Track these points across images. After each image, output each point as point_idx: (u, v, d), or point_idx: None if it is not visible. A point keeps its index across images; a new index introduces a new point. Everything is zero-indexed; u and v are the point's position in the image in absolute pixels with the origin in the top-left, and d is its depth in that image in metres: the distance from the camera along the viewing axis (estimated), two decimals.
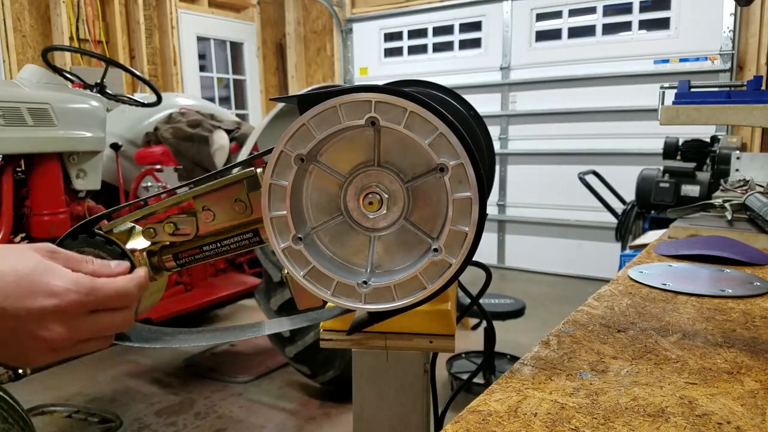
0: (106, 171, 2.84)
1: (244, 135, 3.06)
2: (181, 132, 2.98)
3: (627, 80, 4.65)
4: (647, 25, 4.60)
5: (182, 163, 2.99)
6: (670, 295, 0.87)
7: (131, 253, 0.61)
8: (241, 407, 2.59)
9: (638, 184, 3.32)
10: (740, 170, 1.95)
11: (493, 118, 5.24)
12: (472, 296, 0.80)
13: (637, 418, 0.50)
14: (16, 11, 4.48)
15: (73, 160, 2.51)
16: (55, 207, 2.44)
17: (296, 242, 0.55)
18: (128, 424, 2.42)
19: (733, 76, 4.22)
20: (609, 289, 0.90)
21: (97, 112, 2.57)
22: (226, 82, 6.28)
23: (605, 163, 4.68)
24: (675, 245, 1.16)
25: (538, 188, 5.18)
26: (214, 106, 3.80)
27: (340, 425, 2.43)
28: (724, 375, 0.58)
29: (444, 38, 5.58)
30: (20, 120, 2.24)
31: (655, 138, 4.22)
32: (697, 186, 3.14)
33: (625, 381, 0.57)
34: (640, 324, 0.74)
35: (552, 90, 5.03)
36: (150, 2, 5.39)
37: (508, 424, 0.49)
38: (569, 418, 0.50)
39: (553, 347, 0.66)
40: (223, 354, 3.26)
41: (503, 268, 5.38)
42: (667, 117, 0.96)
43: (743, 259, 1.06)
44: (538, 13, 5.06)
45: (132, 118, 3.25)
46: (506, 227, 5.40)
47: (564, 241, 5.10)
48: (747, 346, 0.66)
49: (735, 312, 0.79)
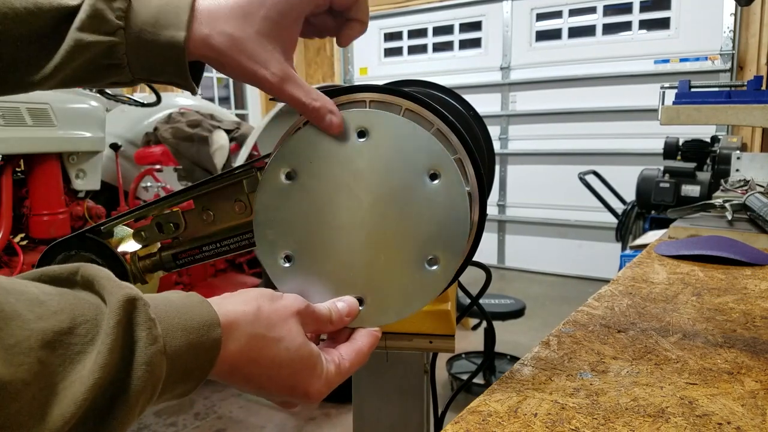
0: (105, 171, 2.84)
1: (244, 135, 3.06)
2: (180, 132, 2.98)
3: (627, 80, 4.65)
4: (647, 25, 4.60)
5: (182, 163, 2.99)
6: (671, 295, 0.87)
7: (122, 257, 0.61)
8: (241, 407, 2.59)
9: (638, 184, 3.32)
10: (740, 170, 1.95)
11: (493, 118, 5.24)
12: (472, 296, 0.79)
13: (638, 419, 0.50)
14: None
15: (73, 160, 2.52)
16: (55, 207, 2.44)
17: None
18: None
19: (734, 76, 4.22)
20: (609, 290, 0.90)
21: (96, 112, 2.57)
22: (226, 82, 6.28)
23: (605, 163, 4.68)
24: (675, 245, 1.16)
25: (538, 188, 5.18)
26: (213, 106, 3.80)
27: (340, 425, 2.43)
28: (724, 375, 0.58)
29: (444, 38, 5.58)
30: (20, 120, 2.24)
31: (656, 138, 4.22)
32: (698, 186, 3.14)
33: (625, 381, 0.57)
34: (641, 324, 0.74)
35: (552, 90, 5.02)
36: None
37: (508, 425, 0.49)
38: (569, 418, 0.50)
39: (554, 348, 0.66)
40: None
41: (503, 268, 5.38)
42: (667, 117, 0.96)
43: (743, 259, 1.06)
44: (538, 13, 5.06)
45: (131, 118, 3.25)
46: (506, 227, 5.40)
47: (564, 242, 5.10)
48: (747, 346, 0.66)
49: (735, 312, 0.79)
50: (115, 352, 0.32)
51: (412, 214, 0.50)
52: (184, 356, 0.37)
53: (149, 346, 0.34)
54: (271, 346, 0.44)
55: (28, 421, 0.28)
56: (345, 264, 0.51)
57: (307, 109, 0.49)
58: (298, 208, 0.52)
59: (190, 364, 0.38)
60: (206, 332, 0.38)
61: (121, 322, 0.33)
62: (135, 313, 0.34)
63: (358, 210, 0.50)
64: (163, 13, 0.46)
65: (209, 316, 0.39)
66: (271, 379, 0.44)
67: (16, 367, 0.28)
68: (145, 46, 0.46)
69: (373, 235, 0.50)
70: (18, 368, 0.28)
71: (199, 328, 0.38)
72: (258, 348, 0.43)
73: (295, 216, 0.52)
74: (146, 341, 0.34)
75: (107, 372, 0.31)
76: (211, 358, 0.39)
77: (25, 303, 0.30)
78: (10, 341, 0.28)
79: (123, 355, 0.33)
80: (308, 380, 0.46)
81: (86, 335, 0.32)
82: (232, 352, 0.41)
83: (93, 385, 0.31)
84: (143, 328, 0.34)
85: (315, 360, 0.46)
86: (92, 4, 0.44)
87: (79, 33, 0.44)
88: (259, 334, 0.43)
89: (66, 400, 0.30)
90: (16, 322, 0.29)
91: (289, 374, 0.44)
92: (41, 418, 0.29)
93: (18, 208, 2.40)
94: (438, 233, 0.49)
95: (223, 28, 0.47)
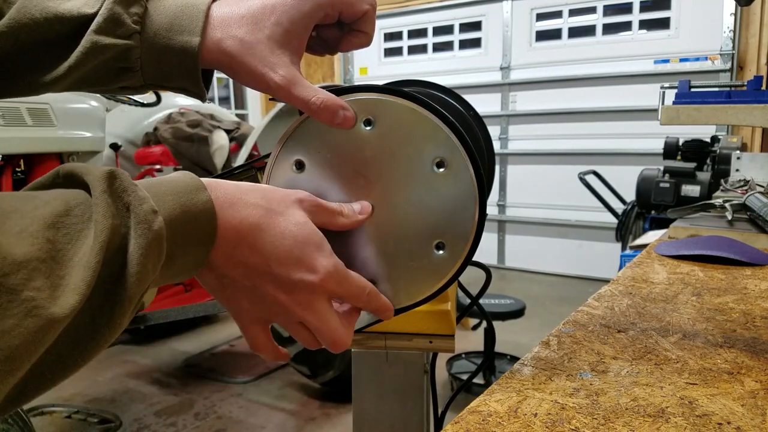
0: None
1: (244, 135, 3.07)
2: (180, 132, 2.98)
3: (627, 80, 4.65)
4: (647, 25, 4.61)
5: (182, 163, 2.99)
6: (671, 295, 0.87)
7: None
8: (241, 407, 2.59)
9: (638, 184, 3.32)
10: (740, 170, 1.95)
11: (493, 118, 5.24)
12: (472, 296, 0.79)
13: (638, 419, 0.50)
14: None
15: (73, 160, 2.52)
16: None
17: None
18: (128, 425, 2.42)
19: (734, 76, 4.22)
20: (609, 290, 0.90)
21: (96, 112, 2.57)
22: (226, 81, 6.29)
23: (605, 163, 4.68)
24: (675, 245, 1.16)
25: (538, 188, 5.18)
26: (213, 106, 3.80)
27: (340, 425, 2.43)
28: (724, 375, 0.58)
29: (444, 38, 5.58)
30: (20, 120, 2.24)
31: (656, 138, 4.23)
32: (698, 186, 3.15)
33: (625, 381, 0.57)
34: (641, 324, 0.74)
35: (552, 90, 5.02)
36: None
37: (508, 425, 0.49)
38: (569, 418, 0.50)
39: (553, 347, 0.66)
40: (223, 354, 3.26)
41: (503, 268, 5.38)
42: (667, 117, 0.96)
43: (743, 259, 1.06)
44: (538, 13, 5.06)
45: (131, 118, 3.25)
46: (506, 227, 5.40)
47: (564, 242, 5.10)
48: (747, 346, 0.66)
49: (735, 312, 0.79)
50: (111, 217, 0.34)
51: (418, 200, 0.51)
52: (180, 217, 0.38)
53: (139, 206, 0.35)
54: (271, 216, 0.44)
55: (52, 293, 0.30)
56: (355, 249, 0.53)
57: (319, 109, 0.49)
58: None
59: (189, 226, 0.39)
60: (195, 195, 0.40)
61: (106, 191, 0.35)
62: (117, 181, 0.36)
63: (366, 198, 0.52)
64: (178, 19, 0.47)
65: (193, 182, 0.40)
66: (276, 248, 0.43)
67: (29, 247, 0.30)
68: (159, 51, 0.47)
69: (381, 222, 0.52)
70: (31, 247, 0.30)
71: (186, 192, 0.39)
72: (257, 215, 0.43)
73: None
74: (136, 203, 0.35)
75: (109, 235, 0.33)
76: (210, 218, 0.40)
77: (18, 200, 0.32)
78: (16, 229, 0.30)
79: (120, 219, 0.35)
80: (315, 253, 0.45)
81: (83, 215, 0.34)
82: (234, 218, 0.42)
83: (99, 249, 0.33)
84: (128, 193, 0.36)
85: (322, 239, 0.46)
86: (110, 9, 0.46)
87: (95, 35, 0.45)
88: (259, 204, 0.44)
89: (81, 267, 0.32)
90: (16, 214, 0.31)
91: (293, 244, 0.44)
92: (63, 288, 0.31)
93: None
94: (444, 219, 0.51)
95: (234, 33, 0.48)
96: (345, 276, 0.47)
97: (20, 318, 0.29)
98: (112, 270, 0.34)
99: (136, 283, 0.34)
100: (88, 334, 0.33)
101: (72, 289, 0.31)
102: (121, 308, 0.34)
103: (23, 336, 0.29)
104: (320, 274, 0.45)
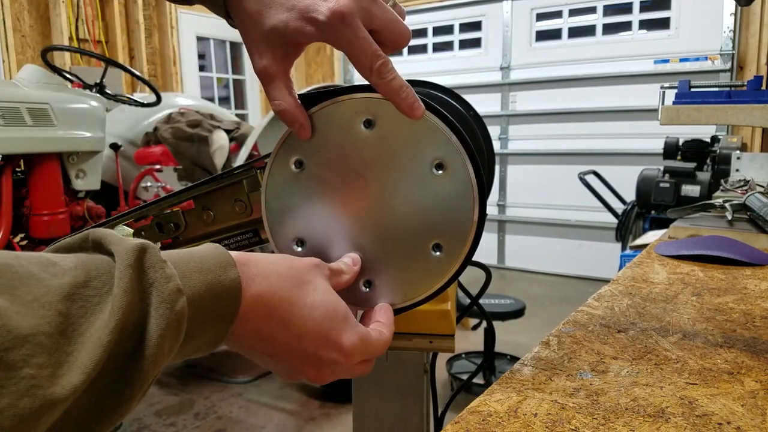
0: (105, 171, 2.85)
1: (244, 135, 3.06)
2: (180, 132, 2.98)
3: (627, 80, 4.65)
4: (647, 25, 4.61)
5: (182, 163, 2.99)
6: (671, 295, 0.87)
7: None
8: (241, 407, 2.59)
9: (638, 184, 3.32)
10: (740, 170, 1.95)
11: (493, 118, 5.24)
12: (472, 296, 0.79)
13: (638, 419, 0.49)
14: (16, 11, 4.48)
15: (73, 160, 2.52)
16: (55, 207, 2.44)
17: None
18: (128, 424, 2.42)
19: (734, 76, 4.22)
20: (609, 290, 0.90)
21: (96, 112, 2.57)
22: (226, 82, 6.29)
23: (605, 163, 4.68)
24: (675, 245, 1.16)
25: (538, 188, 5.18)
26: (213, 106, 3.80)
27: (340, 425, 2.43)
28: (724, 375, 0.58)
29: (444, 38, 5.58)
30: (20, 120, 2.24)
31: (656, 138, 4.22)
32: (698, 186, 3.15)
33: (625, 381, 0.57)
34: (641, 324, 0.74)
35: (552, 90, 5.02)
36: (149, 2, 5.39)
37: (508, 425, 0.49)
38: (569, 418, 0.50)
39: (553, 348, 0.66)
40: (223, 354, 3.26)
41: (503, 268, 5.38)
42: (667, 117, 0.96)
43: (743, 259, 1.06)
44: (538, 13, 5.06)
45: (131, 118, 3.25)
46: (506, 227, 5.40)
47: (564, 242, 5.10)
48: (747, 346, 0.66)
49: (735, 312, 0.79)
50: (132, 294, 0.32)
51: (417, 201, 0.51)
52: (204, 296, 0.37)
53: (165, 284, 0.34)
54: (302, 287, 0.44)
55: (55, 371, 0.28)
56: (354, 248, 0.53)
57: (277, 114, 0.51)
58: (307, 194, 0.53)
59: (212, 304, 0.38)
60: (223, 272, 0.38)
61: (132, 265, 0.33)
62: (145, 256, 0.34)
63: (365, 197, 0.52)
64: None
65: (224, 258, 0.39)
66: (306, 322, 0.43)
67: (37, 320, 0.28)
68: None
69: (380, 222, 0.52)
70: (40, 321, 0.28)
71: (215, 270, 0.38)
72: (289, 287, 0.43)
73: (305, 202, 0.53)
74: (161, 280, 0.34)
75: (127, 313, 0.32)
76: (235, 297, 0.39)
77: (38, 265, 0.31)
78: (28, 297, 0.29)
79: (140, 296, 0.33)
80: (342, 327, 0.45)
81: (102, 287, 0.32)
82: (264, 290, 0.41)
83: (115, 327, 0.31)
84: (156, 269, 0.34)
85: (346, 310, 0.46)
86: None
87: None
88: (286, 274, 0.43)
89: (91, 344, 0.30)
90: (32, 281, 0.29)
91: (322, 316, 0.44)
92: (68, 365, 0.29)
93: (18, 208, 2.40)
94: (442, 220, 0.51)
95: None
96: (368, 344, 0.47)
97: (16, 397, 0.26)
98: (126, 348, 0.32)
99: (151, 364, 0.32)
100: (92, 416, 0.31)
101: (78, 368, 0.29)
102: (132, 389, 0.32)
103: (17, 417, 0.26)
104: (346, 351, 0.45)
